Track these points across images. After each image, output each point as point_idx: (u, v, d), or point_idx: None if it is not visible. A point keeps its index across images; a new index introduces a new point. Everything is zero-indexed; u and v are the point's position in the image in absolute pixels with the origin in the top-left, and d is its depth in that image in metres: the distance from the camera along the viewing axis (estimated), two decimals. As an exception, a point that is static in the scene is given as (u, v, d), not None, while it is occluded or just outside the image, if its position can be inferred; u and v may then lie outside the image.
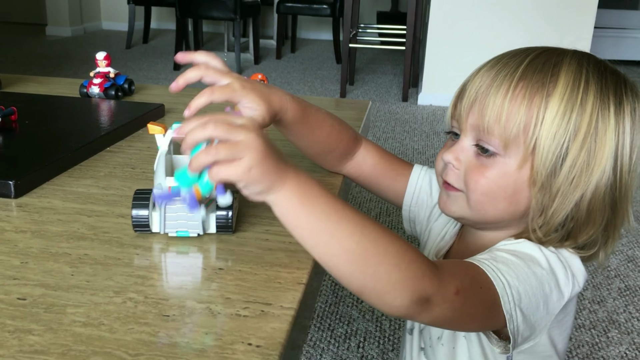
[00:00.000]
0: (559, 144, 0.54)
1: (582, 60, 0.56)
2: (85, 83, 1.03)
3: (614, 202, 0.56)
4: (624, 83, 0.57)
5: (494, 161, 0.57)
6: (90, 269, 0.49)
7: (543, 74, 0.55)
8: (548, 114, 0.54)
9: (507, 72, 0.56)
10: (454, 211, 0.62)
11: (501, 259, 0.54)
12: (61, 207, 0.61)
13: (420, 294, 0.47)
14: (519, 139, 0.55)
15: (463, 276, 0.52)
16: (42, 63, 4.25)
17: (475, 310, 0.52)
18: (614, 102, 0.55)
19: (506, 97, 0.55)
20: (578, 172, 0.54)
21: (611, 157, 0.54)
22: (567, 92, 0.54)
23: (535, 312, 0.54)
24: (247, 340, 0.41)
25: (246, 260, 0.52)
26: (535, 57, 0.57)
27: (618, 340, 1.38)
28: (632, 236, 1.90)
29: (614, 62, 0.60)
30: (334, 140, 0.69)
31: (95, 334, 0.41)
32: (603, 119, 0.54)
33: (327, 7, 4.56)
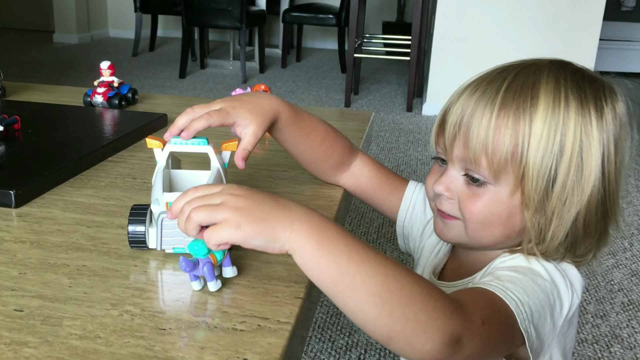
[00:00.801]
0: (547, 167, 0.53)
1: (559, 75, 0.56)
2: (89, 92, 1.03)
3: (605, 211, 0.56)
4: (602, 89, 0.57)
5: (486, 190, 0.57)
6: (88, 281, 0.49)
7: (523, 98, 0.54)
8: (533, 139, 0.53)
9: (487, 101, 0.55)
10: (452, 238, 0.62)
11: (505, 278, 0.54)
12: (61, 217, 0.61)
13: (451, 334, 0.45)
14: (507, 167, 0.55)
15: (483, 305, 0.51)
16: (48, 70, 4.27)
17: (500, 337, 0.51)
18: (595, 114, 0.54)
19: (489, 127, 0.54)
20: (570, 192, 0.54)
21: (599, 170, 0.54)
22: (548, 114, 0.54)
23: (544, 325, 0.54)
24: (242, 355, 0.41)
25: (244, 274, 0.52)
26: (513, 80, 0.56)
27: (621, 356, 1.36)
28: (637, 250, 1.89)
29: (619, 75, 0.60)
30: (329, 147, 0.69)
31: (91, 347, 0.41)
32: (587, 135, 0.54)
33: (333, 16, 4.58)
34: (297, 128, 0.66)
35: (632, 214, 2.18)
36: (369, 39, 4.21)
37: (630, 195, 2.36)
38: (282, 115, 0.64)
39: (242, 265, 0.53)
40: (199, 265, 0.49)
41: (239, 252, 0.55)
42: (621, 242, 1.94)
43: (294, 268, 0.53)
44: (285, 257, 0.55)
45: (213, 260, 0.49)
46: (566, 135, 0.53)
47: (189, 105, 0.63)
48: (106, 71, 1.04)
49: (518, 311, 0.51)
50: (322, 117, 0.71)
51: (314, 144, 0.68)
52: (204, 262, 0.48)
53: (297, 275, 0.52)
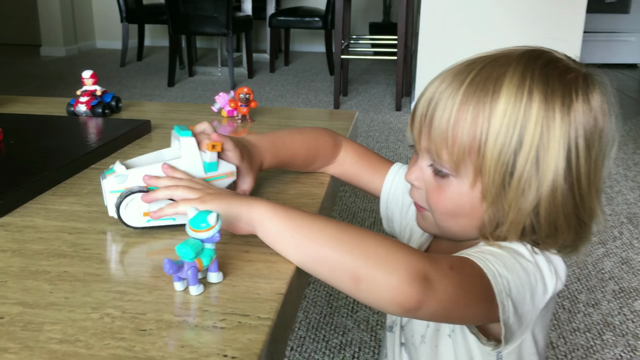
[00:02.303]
0: (504, 161, 0.54)
1: (527, 69, 0.55)
2: (72, 102, 1.03)
3: (576, 206, 0.56)
4: (575, 82, 0.55)
5: (449, 182, 0.58)
6: (69, 286, 0.50)
7: (484, 92, 0.54)
8: (491, 133, 0.54)
9: (450, 93, 0.56)
10: (427, 228, 0.64)
11: (488, 252, 0.55)
12: (43, 226, 0.61)
13: (416, 268, 0.47)
14: (467, 160, 0.55)
15: (453, 257, 0.53)
16: (37, 83, 4.27)
17: (474, 289, 0.52)
18: (561, 109, 0.54)
19: (450, 120, 0.55)
20: (527, 186, 0.54)
21: (562, 166, 0.53)
22: (508, 108, 0.53)
23: (523, 304, 0.54)
24: (222, 352, 0.42)
25: (226, 272, 0.52)
26: (478, 73, 0.56)
27: (613, 343, 1.37)
28: (626, 238, 1.90)
29: (605, 66, 0.59)
30: (312, 157, 0.75)
31: (71, 350, 0.41)
32: (548, 130, 0.53)
33: (319, 19, 4.60)
34: (282, 164, 0.72)
35: (621, 202, 2.19)
36: (355, 40, 4.22)
37: (619, 184, 2.37)
38: (265, 166, 0.69)
39: (223, 264, 0.54)
40: (184, 269, 0.49)
41: (220, 252, 0.56)
42: (611, 231, 1.95)
43: (276, 265, 0.54)
44: (267, 255, 0.56)
45: (199, 264, 0.50)
46: (526, 130, 0.53)
47: (174, 112, 0.63)
48: (88, 80, 1.05)
49: (495, 281, 0.52)
50: (308, 119, 0.73)
51: (298, 163, 0.74)
52: (189, 265, 0.49)
53: (278, 272, 0.53)
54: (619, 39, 5.05)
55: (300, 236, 0.51)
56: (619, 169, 2.55)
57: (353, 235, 0.50)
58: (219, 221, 0.51)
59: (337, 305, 1.51)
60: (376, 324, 1.43)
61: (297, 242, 0.51)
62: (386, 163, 0.77)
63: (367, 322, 1.44)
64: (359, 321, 1.44)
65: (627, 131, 3.13)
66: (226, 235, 0.59)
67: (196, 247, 0.49)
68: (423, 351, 0.66)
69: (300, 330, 1.41)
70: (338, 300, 1.54)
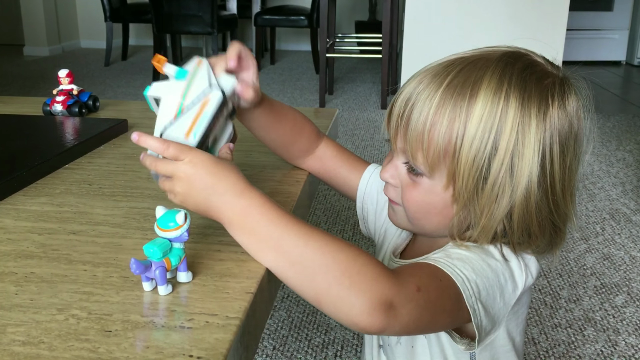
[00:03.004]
0: (478, 166, 0.53)
1: (505, 73, 0.55)
2: (48, 101, 1.02)
3: (550, 212, 0.56)
4: (552, 87, 0.55)
5: (423, 180, 0.58)
6: (35, 288, 0.49)
7: (462, 96, 0.54)
8: (466, 137, 0.53)
9: (427, 96, 0.56)
10: (399, 223, 0.64)
11: (456, 256, 0.55)
12: (12, 227, 0.60)
13: (380, 297, 0.47)
14: (441, 163, 0.55)
15: (420, 274, 0.52)
16: (19, 84, 4.22)
17: (441, 304, 0.52)
18: (537, 115, 0.53)
19: (426, 124, 0.55)
20: (500, 191, 0.54)
21: (536, 172, 0.53)
22: (485, 114, 0.53)
23: (494, 304, 0.54)
24: (188, 352, 0.41)
25: (196, 272, 0.52)
26: (456, 76, 0.55)
27: (594, 338, 1.38)
28: (608, 234, 1.92)
29: (589, 64, 0.60)
30: (297, 132, 0.72)
31: (34, 352, 0.41)
32: (523, 136, 0.53)
33: (305, 18, 4.59)
34: (270, 116, 0.68)
35: (603, 199, 2.21)
36: (341, 39, 4.22)
37: (602, 180, 2.39)
38: (263, 102, 0.66)
39: (194, 263, 0.53)
40: (151, 268, 0.48)
41: (192, 252, 0.55)
42: (593, 227, 1.97)
43: (246, 264, 0.53)
44: (239, 254, 0.55)
45: (167, 264, 0.49)
46: (501, 136, 0.53)
47: (151, 111, 0.61)
48: (65, 79, 1.04)
49: (464, 287, 0.52)
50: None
51: (285, 130, 0.71)
52: (157, 265, 0.48)
53: (249, 272, 0.52)
54: (603, 37, 5.09)
55: (265, 259, 0.51)
56: (602, 165, 2.57)
57: (317, 261, 0.48)
58: (187, 220, 0.50)
59: (321, 304, 1.51)
60: (359, 322, 1.43)
61: (263, 262, 0.52)
62: (363, 162, 0.77)
63: (350, 320, 1.44)
64: (342, 319, 1.44)
65: (610, 128, 3.16)
66: (197, 235, 0.59)
67: (164, 247, 0.49)
68: (399, 352, 0.66)
69: (282, 329, 1.41)
70: (321, 298, 1.54)
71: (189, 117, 0.56)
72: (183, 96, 0.57)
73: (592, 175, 2.44)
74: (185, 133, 0.55)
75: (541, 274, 1.67)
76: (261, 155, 0.84)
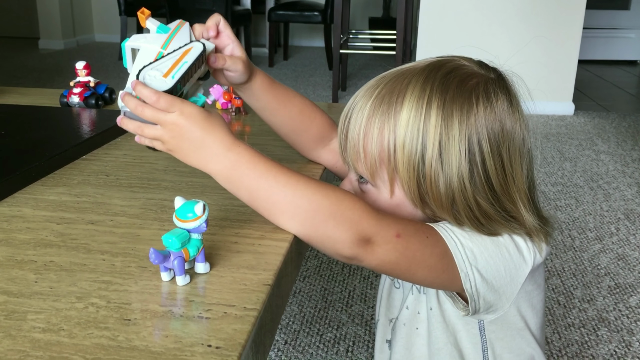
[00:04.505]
0: (414, 166, 0.57)
1: (428, 79, 0.58)
2: (66, 93, 1.03)
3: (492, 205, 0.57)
4: (476, 88, 0.58)
5: (369, 189, 0.62)
6: (55, 276, 0.49)
7: (388, 105, 0.58)
8: (398, 143, 0.57)
9: (359, 108, 0.60)
10: None
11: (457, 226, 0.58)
12: (31, 216, 0.61)
13: (360, 233, 0.52)
14: (380, 170, 0.59)
15: (406, 224, 0.56)
16: (34, 77, 4.25)
17: (421, 256, 0.56)
18: (459, 114, 0.56)
19: (359, 135, 0.59)
20: (437, 184, 0.57)
21: (465, 162, 0.56)
22: (410, 118, 0.57)
23: (497, 277, 0.57)
24: (207, 342, 0.41)
25: (213, 263, 0.52)
26: (384, 88, 0.59)
27: (607, 339, 1.37)
28: (623, 234, 1.90)
29: (605, 63, 0.61)
30: (307, 118, 0.72)
31: (54, 339, 0.41)
32: (447, 133, 0.56)
33: (318, 14, 4.58)
34: (274, 95, 0.69)
35: (618, 199, 2.19)
36: (355, 35, 4.21)
37: (617, 180, 2.37)
38: (258, 76, 0.68)
39: (211, 255, 0.53)
40: (170, 259, 0.49)
41: (208, 243, 0.55)
42: (608, 227, 1.95)
43: (264, 256, 0.54)
44: (255, 246, 0.55)
45: (185, 255, 0.49)
46: (427, 135, 0.56)
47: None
48: (82, 71, 1.04)
49: (455, 250, 0.55)
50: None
51: (292, 114, 0.71)
52: (175, 255, 0.48)
53: (266, 264, 0.52)
54: (619, 35, 5.03)
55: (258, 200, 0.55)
56: (617, 165, 2.54)
57: (305, 207, 0.53)
58: (206, 211, 0.50)
59: (332, 300, 1.51)
60: (370, 319, 1.43)
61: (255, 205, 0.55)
62: None
63: (361, 316, 1.44)
64: (353, 315, 1.44)
65: (626, 128, 3.13)
66: (215, 226, 0.59)
67: (182, 237, 0.49)
68: (403, 332, 0.68)
69: (294, 324, 1.41)
70: (333, 294, 1.54)
71: (168, 60, 0.57)
72: (163, 47, 0.59)
73: (607, 175, 2.42)
74: (164, 73, 0.56)
75: (555, 273, 1.66)
76: (276, 149, 0.84)
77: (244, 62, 0.65)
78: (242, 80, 0.66)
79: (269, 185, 0.54)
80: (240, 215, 0.61)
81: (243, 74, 0.65)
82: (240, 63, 0.64)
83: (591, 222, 1.99)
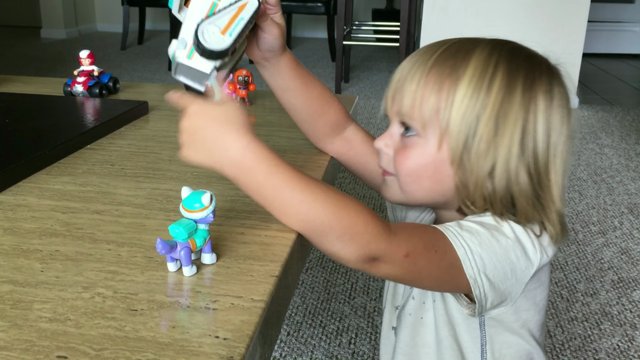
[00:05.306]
0: (467, 124, 0.56)
1: (495, 48, 0.59)
2: (69, 82, 1.02)
3: (533, 180, 0.57)
4: (538, 67, 0.59)
5: (416, 142, 0.60)
6: (61, 265, 0.49)
7: (454, 61, 0.58)
8: (457, 96, 0.57)
9: (421, 62, 0.60)
10: (391, 196, 0.65)
11: (466, 227, 0.57)
12: (36, 205, 0.60)
13: (368, 254, 0.52)
14: (433, 121, 0.58)
15: (417, 240, 0.55)
16: (36, 66, 4.24)
17: (428, 271, 0.56)
18: (523, 84, 0.57)
19: (419, 84, 0.59)
20: (485, 147, 0.56)
21: (518, 133, 0.56)
22: (475, 76, 0.57)
23: (504, 280, 0.56)
24: (214, 333, 0.41)
25: (220, 254, 0.52)
26: (449, 47, 0.60)
27: (611, 333, 1.37)
28: (626, 228, 1.90)
29: (609, 56, 0.62)
30: (326, 102, 0.71)
31: (61, 329, 0.41)
32: (509, 99, 0.56)
33: (322, 5, 4.55)
34: (298, 75, 0.69)
35: (622, 193, 2.19)
36: (358, 27, 4.19)
37: (621, 174, 2.36)
38: (287, 53, 0.67)
39: (217, 246, 0.53)
40: (177, 249, 0.48)
41: (215, 234, 0.55)
42: (611, 221, 1.95)
43: (270, 247, 0.53)
44: (262, 237, 0.55)
45: (192, 245, 0.49)
46: (488, 97, 0.56)
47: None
48: (86, 60, 1.03)
49: (465, 257, 0.55)
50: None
51: (312, 96, 0.70)
52: (182, 246, 0.48)
53: (273, 255, 0.52)
54: (623, 29, 5.00)
55: (273, 209, 0.53)
56: (621, 159, 2.53)
57: (321, 217, 0.51)
58: (213, 202, 0.50)
59: (335, 292, 1.51)
60: (373, 311, 1.43)
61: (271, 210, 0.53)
62: None
63: (364, 308, 1.44)
64: (356, 307, 1.44)
65: (630, 122, 3.11)
66: (221, 217, 0.58)
67: (189, 228, 0.48)
68: (408, 322, 0.68)
69: (297, 315, 1.41)
70: (335, 286, 1.53)
71: (225, 15, 0.56)
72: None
73: (611, 169, 2.41)
74: (222, 30, 0.56)
75: (558, 266, 1.65)
76: (282, 140, 0.84)
77: (281, 29, 0.64)
78: (274, 47, 0.65)
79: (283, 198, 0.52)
80: (247, 206, 0.61)
81: (277, 40, 0.64)
82: (278, 28, 0.64)
83: (594, 216, 1.98)
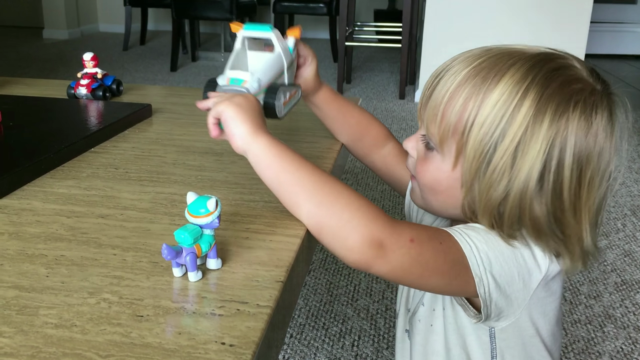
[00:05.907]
0: (484, 150, 0.54)
1: (533, 68, 0.55)
2: (73, 84, 1.02)
3: (548, 215, 0.54)
4: (579, 94, 0.54)
5: (434, 156, 0.60)
6: (66, 270, 0.49)
7: (483, 80, 0.55)
8: (477, 120, 0.55)
9: (454, 72, 0.57)
10: (415, 199, 0.67)
11: (472, 227, 0.57)
12: (40, 209, 0.60)
13: (372, 235, 0.51)
14: (450, 140, 0.57)
15: (421, 230, 0.55)
16: (38, 66, 4.25)
17: (434, 262, 0.54)
18: (552, 115, 0.53)
19: (445, 97, 0.57)
20: (499, 178, 0.54)
21: (537, 169, 0.53)
22: (500, 101, 0.54)
23: (511, 283, 0.55)
24: (220, 340, 0.41)
25: (225, 259, 0.52)
26: (485, 61, 0.56)
27: (614, 335, 1.37)
28: (629, 230, 1.89)
29: (612, 57, 0.60)
30: (364, 128, 0.78)
31: (67, 335, 0.41)
32: (533, 131, 0.53)
33: (324, 5, 4.56)
34: (335, 107, 0.76)
35: (625, 195, 2.18)
36: (360, 27, 4.19)
37: (623, 176, 2.36)
38: (322, 90, 0.75)
39: (222, 251, 0.53)
40: (182, 255, 0.48)
41: (220, 239, 0.55)
42: (614, 223, 1.94)
43: (275, 252, 0.53)
44: (267, 242, 0.55)
45: (198, 250, 0.49)
46: (511, 125, 0.53)
47: (175, 96, 0.63)
48: (89, 62, 1.03)
49: (471, 255, 0.54)
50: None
51: (350, 124, 0.77)
52: (187, 251, 0.48)
53: (278, 260, 0.52)
54: (626, 30, 5.00)
55: (281, 180, 0.56)
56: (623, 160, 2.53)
57: (327, 192, 0.54)
58: (218, 207, 0.50)
59: (337, 294, 1.51)
60: (376, 313, 1.43)
61: (279, 183, 0.56)
62: None
63: (367, 310, 1.44)
64: (359, 310, 1.44)
65: (632, 123, 3.11)
66: (226, 221, 0.58)
67: (195, 233, 0.48)
68: (419, 328, 0.68)
69: (300, 317, 1.41)
70: (338, 288, 1.53)
71: (287, 90, 0.67)
72: (286, 69, 0.68)
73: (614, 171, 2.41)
74: (285, 101, 0.66)
75: (560, 269, 1.65)
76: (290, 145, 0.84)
77: (314, 70, 0.73)
78: (310, 86, 0.73)
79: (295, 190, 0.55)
80: (251, 210, 0.61)
81: (311, 81, 0.73)
82: (312, 71, 0.73)
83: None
